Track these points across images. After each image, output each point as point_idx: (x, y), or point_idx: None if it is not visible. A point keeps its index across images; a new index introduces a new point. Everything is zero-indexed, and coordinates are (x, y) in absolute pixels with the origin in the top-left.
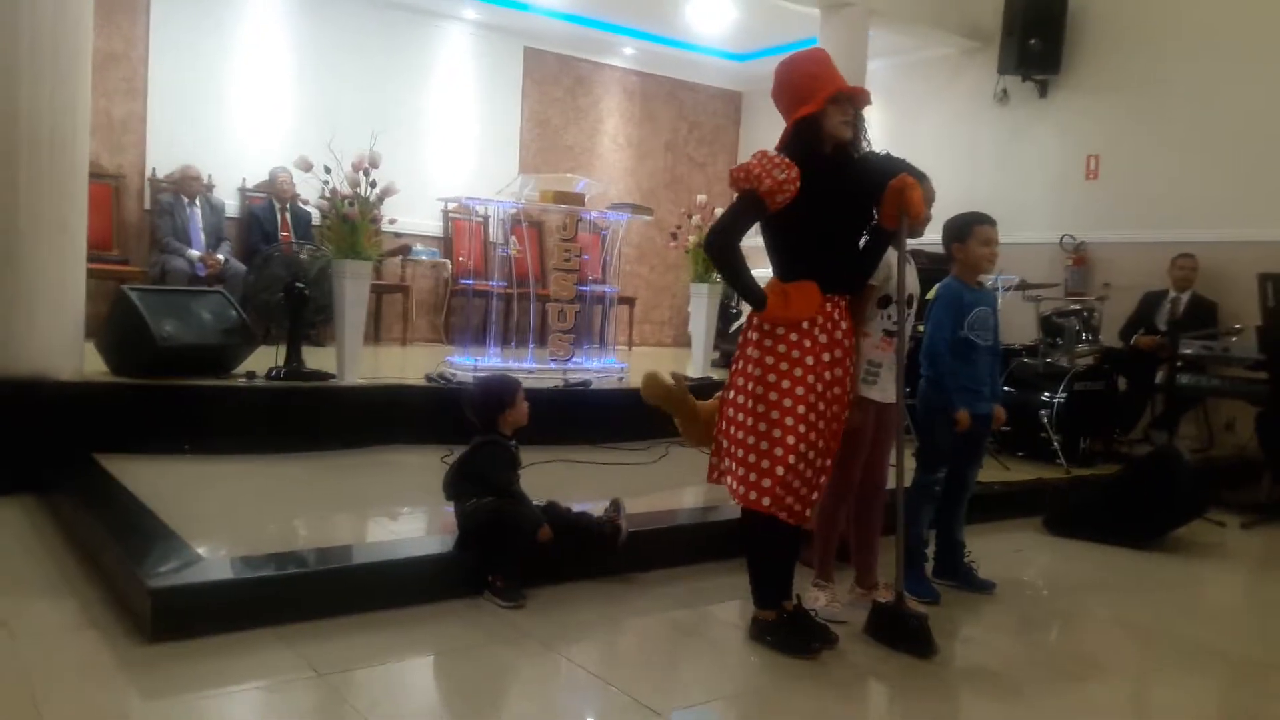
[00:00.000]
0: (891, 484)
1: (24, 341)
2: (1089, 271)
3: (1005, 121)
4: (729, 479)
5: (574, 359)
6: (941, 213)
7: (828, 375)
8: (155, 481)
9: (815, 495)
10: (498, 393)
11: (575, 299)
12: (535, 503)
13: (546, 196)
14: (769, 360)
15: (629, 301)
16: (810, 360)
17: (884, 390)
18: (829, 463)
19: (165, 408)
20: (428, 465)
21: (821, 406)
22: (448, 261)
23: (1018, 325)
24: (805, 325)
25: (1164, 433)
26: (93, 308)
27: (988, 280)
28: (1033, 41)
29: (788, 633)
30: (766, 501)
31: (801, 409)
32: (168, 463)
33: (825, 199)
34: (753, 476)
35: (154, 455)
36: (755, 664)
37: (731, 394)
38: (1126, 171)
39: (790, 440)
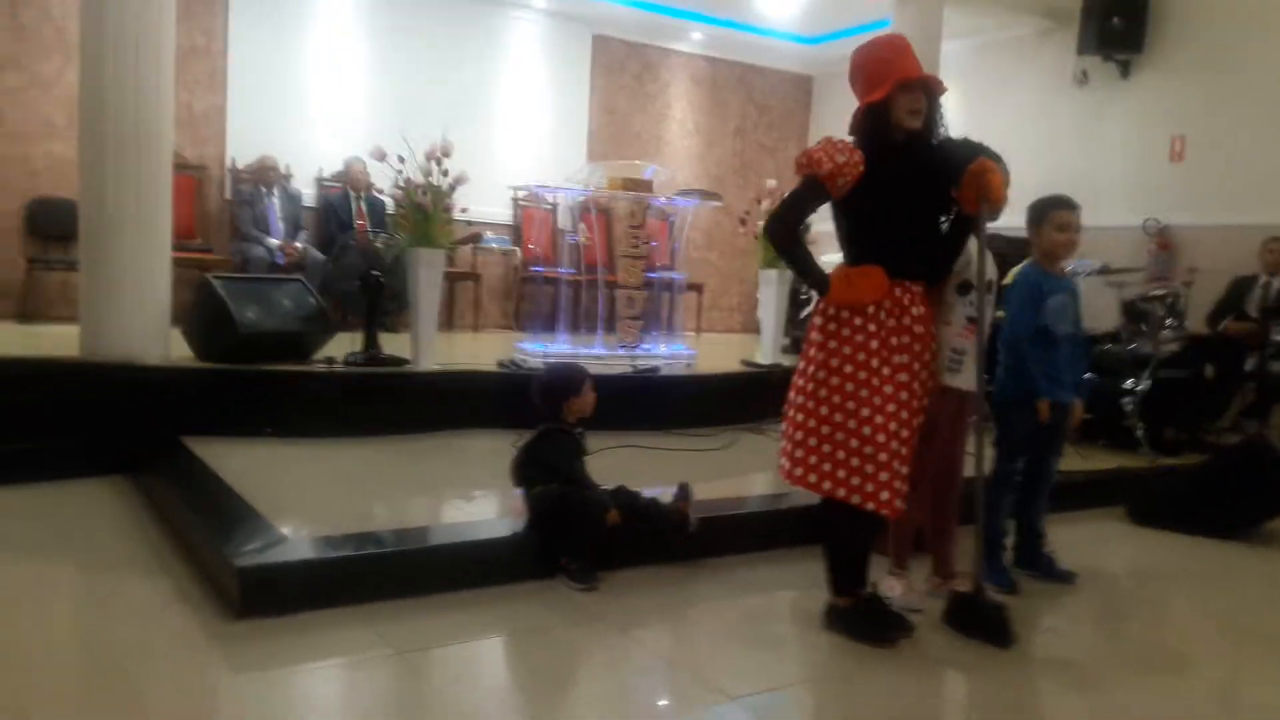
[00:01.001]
0: (970, 473)
1: (113, 329)
2: (1174, 256)
3: (1086, 103)
4: (783, 459)
5: (642, 345)
6: (1021, 197)
7: (896, 360)
8: (239, 463)
9: (900, 483)
10: (564, 381)
11: (643, 286)
12: (604, 487)
13: (615, 184)
14: (832, 344)
15: (697, 288)
16: (874, 344)
17: (969, 378)
18: (906, 450)
19: (248, 392)
20: (500, 449)
21: (889, 390)
22: (518, 249)
23: (1099, 311)
24: (871, 310)
25: (1255, 421)
26: (178, 296)
27: (1068, 266)
28: (1114, 20)
29: (863, 620)
30: (841, 492)
31: (864, 393)
32: (250, 445)
33: (894, 184)
34: (826, 466)
35: (237, 438)
36: (829, 651)
37: (799, 380)
38: (1214, 152)
39: (852, 425)
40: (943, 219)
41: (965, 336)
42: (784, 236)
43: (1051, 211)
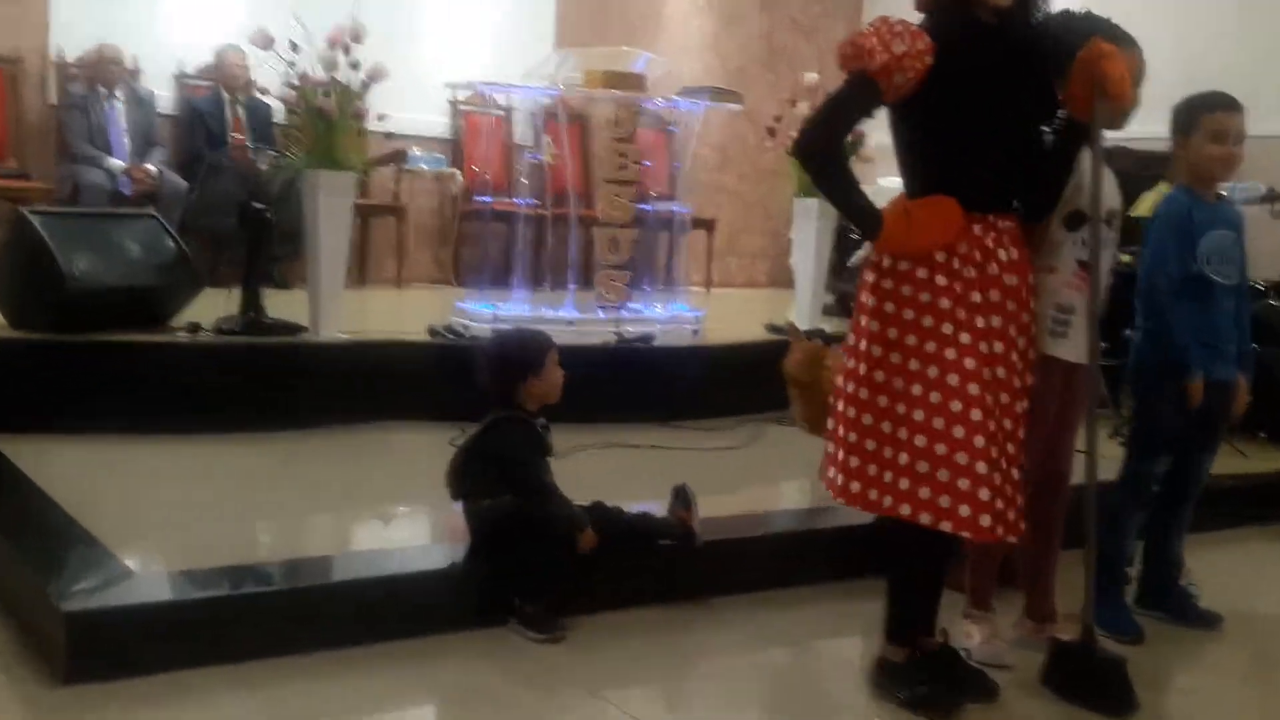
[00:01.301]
0: (1080, 476)
1: None
2: None
3: None
4: (830, 469)
5: (631, 305)
6: (1159, 95)
7: (980, 324)
8: (69, 469)
9: (992, 493)
10: (519, 355)
11: (632, 222)
12: (576, 503)
13: (593, 80)
14: (889, 308)
15: (707, 225)
16: (946, 304)
17: (1079, 345)
18: (1013, 448)
19: (81, 371)
20: (431, 449)
21: (970, 365)
22: (457, 172)
23: (1263, 253)
24: (941, 257)
25: None
26: None
27: (1225, 190)
28: None
29: (925, 680)
30: (906, 509)
31: (934, 371)
32: (84, 444)
33: (975, 82)
34: (888, 475)
35: (67, 435)
36: None
37: (848, 359)
38: None
39: (918, 416)
40: (1045, 128)
41: (1076, 288)
42: (820, 153)
43: (1205, 115)
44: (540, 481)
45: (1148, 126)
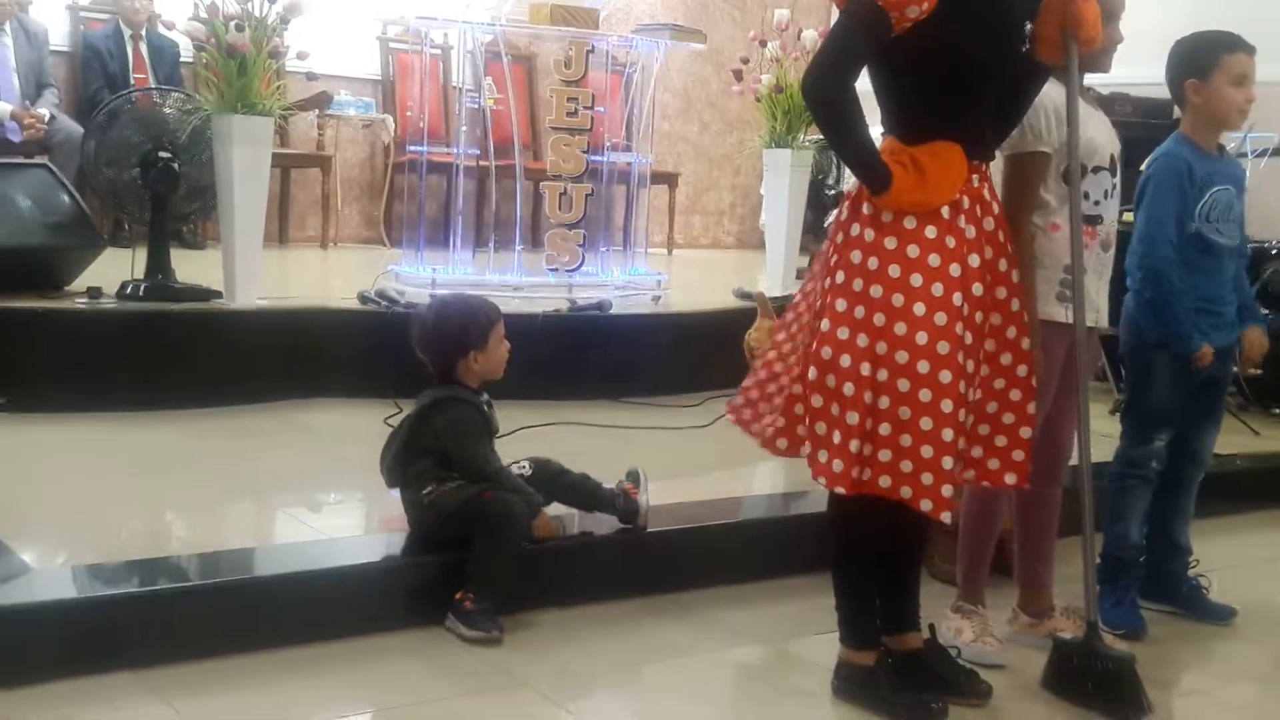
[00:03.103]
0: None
1: None
2: None
3: None
4: (818, 452)
5: (584, 268)
6: (1158, 37)
7: (977, 289)
8: None
9: (956, 473)
10: (460, 328)
11: (585, 175)
12: (519, 468)
13: (540, 15)
14: (894, 271)
15: (669, 180)
16: (956, 270)
17: (1091, 307)
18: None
19: None
20: (363, 429)
21: (970, 340)
22: (388, 119)
23: (1272, 210)
24: (947, 213)
25: None
26: None
27: (1229, 141)
28: None
29: (893, 685)
30: (886, 482)
31: (945, 347)
32: None
33: (977, 13)
34: (867, 449)
35: None
36: None
37: (838, 330)
38: None
39: (931, 399)
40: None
41: (1084, 245)
42: (833, 103)
43: (1225, 56)
44: (492, 467)
45: (1145, 70)
